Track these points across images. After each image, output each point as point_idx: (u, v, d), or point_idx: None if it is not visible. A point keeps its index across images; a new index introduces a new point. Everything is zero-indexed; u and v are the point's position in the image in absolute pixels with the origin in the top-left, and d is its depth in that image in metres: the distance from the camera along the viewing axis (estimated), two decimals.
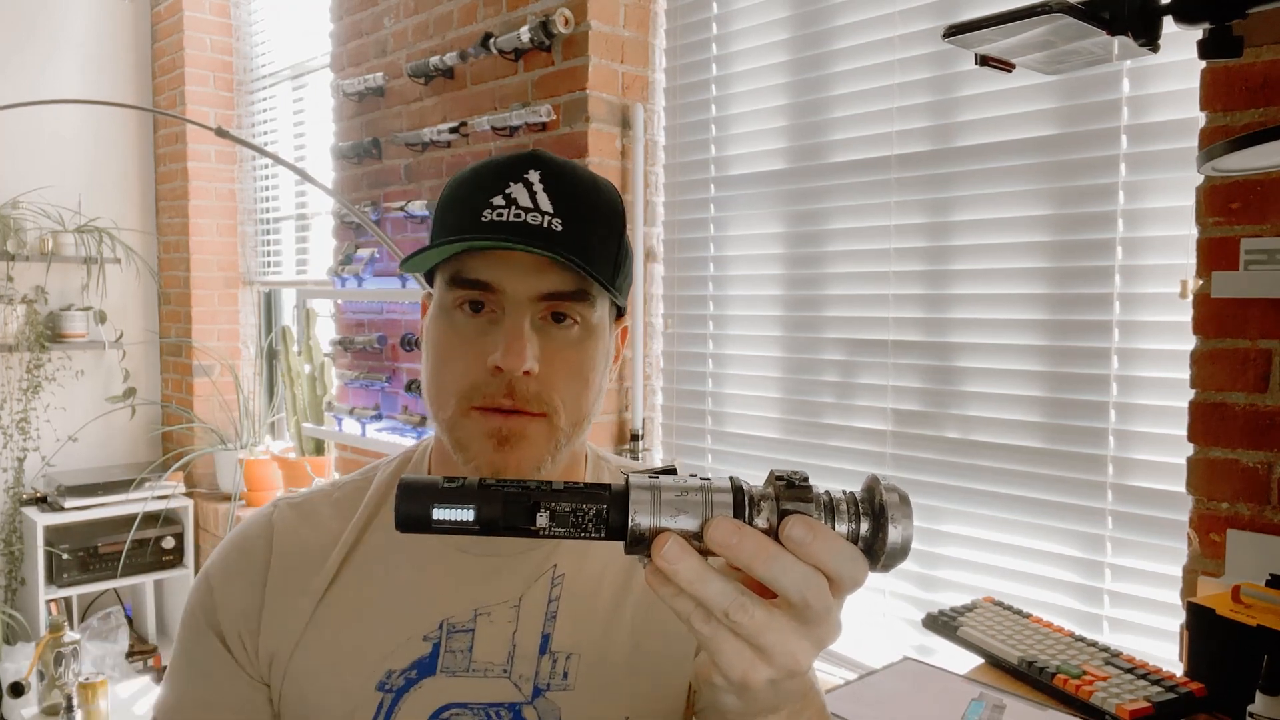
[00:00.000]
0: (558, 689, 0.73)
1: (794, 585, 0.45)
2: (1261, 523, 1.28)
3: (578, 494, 0.47)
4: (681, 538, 0.45)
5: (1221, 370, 1.32)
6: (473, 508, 0.46)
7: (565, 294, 0.70)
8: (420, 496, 0.47)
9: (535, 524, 0.46)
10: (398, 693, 0.73)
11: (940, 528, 1.75)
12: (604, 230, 0.73)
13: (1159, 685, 1.17)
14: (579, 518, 0.46)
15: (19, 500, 3.52)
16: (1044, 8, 0.76)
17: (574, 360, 0.72)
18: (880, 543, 0.46)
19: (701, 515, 0.46)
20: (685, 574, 0.45)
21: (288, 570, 0.78)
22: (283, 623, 0.76)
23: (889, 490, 0.47)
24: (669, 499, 0.46)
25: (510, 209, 0.69)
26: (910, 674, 1.32)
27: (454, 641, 0.74)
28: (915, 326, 1.78)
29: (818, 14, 1.93)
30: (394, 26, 2.75)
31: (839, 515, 0.47)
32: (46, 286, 3.64)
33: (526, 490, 0.47)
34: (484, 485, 0.47)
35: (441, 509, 0.46)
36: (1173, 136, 1.44)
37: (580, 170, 0.75)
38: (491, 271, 0.70)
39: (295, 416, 3.28)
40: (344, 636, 0.75)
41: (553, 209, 0.70)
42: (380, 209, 2.80)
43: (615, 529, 0.46)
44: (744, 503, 0.46)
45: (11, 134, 3.52)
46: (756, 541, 0.45)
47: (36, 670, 2.49)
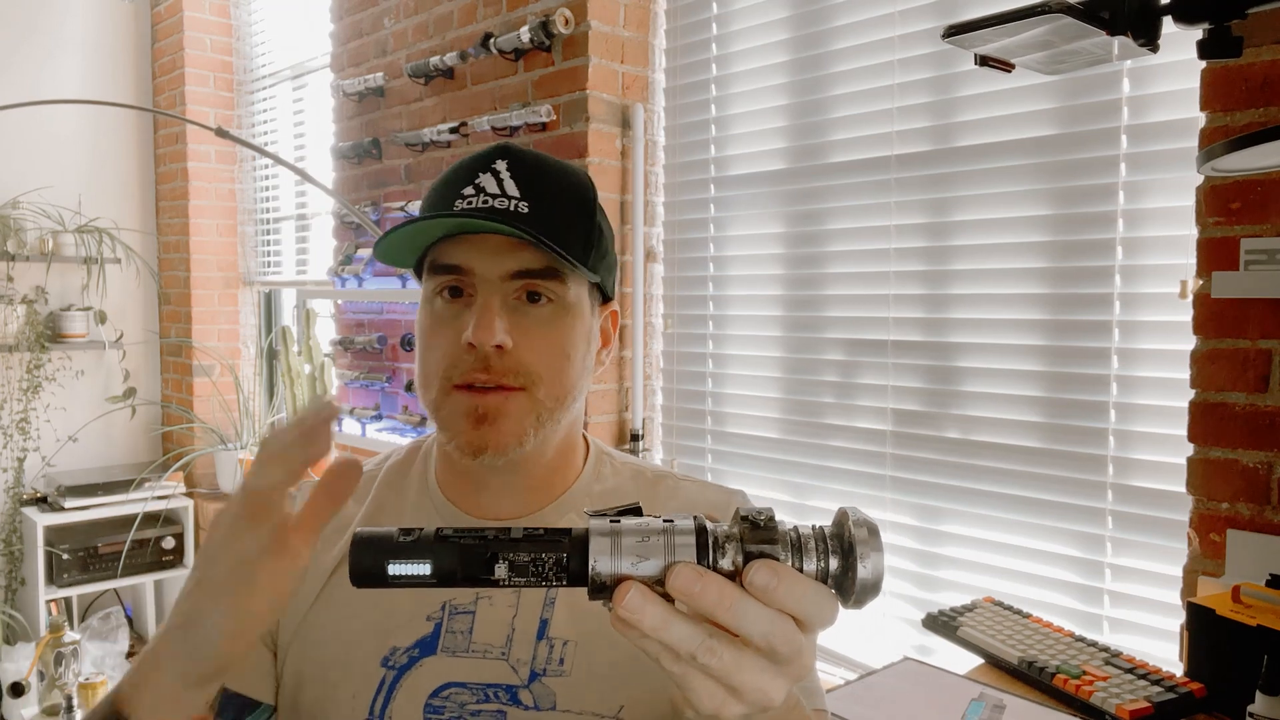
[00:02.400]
0: (554, 674, 0.74)
1: (759, 631, 0.44)
2: (1261, 523, 1.28)
3: (537, 543, 0.46)
4: (643, 585, 0.44)
5: (1221, 370, 1.32)
6: (428, 562, 0.46)
7: (535, 271, 0.73)
8: (374, 551, 0.46)
9: (494, 574, 0.46)
10: (400, 669, 0.75)
11: (940, 528, 1.75)
12: (572, 210, 0.76)
13: (1159, 685, 1.17)
14: (539, 567, 0.46)
15: (19, 500, 3.52)
16: (1044, 8, 0.76)
17: (550, 336, 0.75)
18: (850, 580, 0.45)
19: (664, 559, 0.45)
20: (648, 621, 0.44)
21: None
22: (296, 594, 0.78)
23: (858, 525, 0.46)
24: (630, 544, 0.45)
25: (479, 196, 0.73)
26: (910, 674, 1.32)
27: (455, 622, 0.76)
28: (915, 326, 1.78)
29: (817, 14, 1.93)
30: (394, 26, 2.75)
31: (806, 554, 0.45)
32: (46, 286, 3.64)
33: (484, 541, 0.46)
34: (440, 537, 0.46)
35: (396, 564, 0.46)
36: (1173, 136, 1.44)
37: (548, 158, 0.78)
38: (462, 255, 0.73)
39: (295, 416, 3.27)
40: (351, 613, 0.77)
41: (519, 193, 0.73)
42: (380, 209, 2.80)
43: (576, 576, 0.45)
44: (708, 544, 0.45)
45: (11, 134, 3.51)
46: (719, 589, 0.44)
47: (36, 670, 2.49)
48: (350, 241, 2.97)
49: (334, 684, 0.76)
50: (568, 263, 0.72)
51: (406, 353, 2.71)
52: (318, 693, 0.76)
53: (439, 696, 0.74)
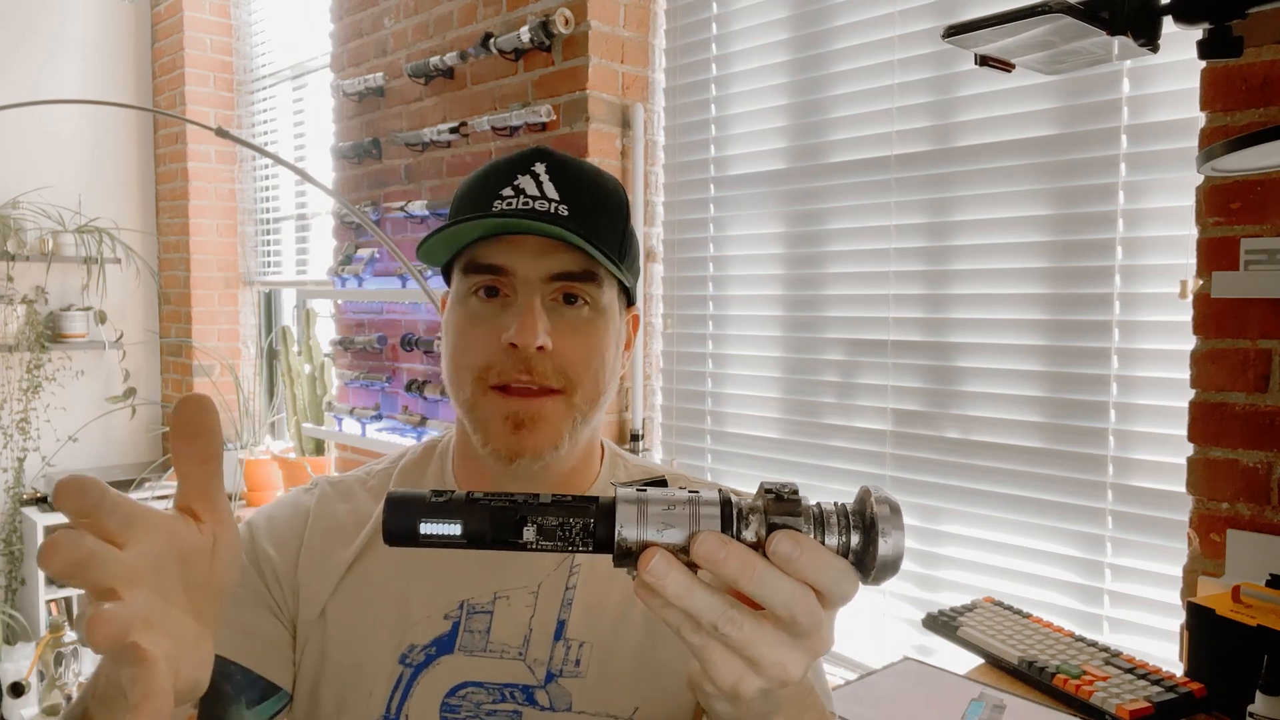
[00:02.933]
0: (570, 675, 0.74)
1: (781, 601, 0.44)
2: (1261, 523, 1.28)
3: (565, 508, 0.46)
4: (668, 552, 0.45)
5: (1221, 370, 1.32)
6: (459, 522, 0.46)
7: (574, 274, 0.73)
8: (407, 510, 0.47)
9: (522, 538, 0.46)
10: (417, 668, 0.75)
11: (940, 528, 1.75)
12: (609, 216, 0.77)
13: (1159, 685, 1.17)
14: (566, 531, 0.46)
15: (19, 500, 3.52)
16: (1044, 8, 0.76)
17: (588, 338, 0.75)
18: (871, 556, 0.46)
19: (688, 529, 0.45)
20: (672, 588, 0.44)
21: (322, 536, 0.81)
22: (313, 583, 0.79)
23: (880, 502, 0.46)
24: (656, 512, 0.45)
25: (519, 198, 0.73)
26: (910, 674, 1.32)
27: (473, 622, 0.76)
28: (915, 326, 1.78)
29: (818, 14, 1.93)
30: (394, 26, 2.75)
31: (829, 528, 0.46)
32: (46, 286, 3.64)
33: (514, 504, 0.46)
34: (471, 499, 0.47)
35: (428, 524, 0.46)
36: (1173, 136, 1.44)
37: (585, 163, 0.79)
38: (503, 255, 0.73)
39: (295, 416, 3.28)
40: (369, 609, 0.77)
41: (559, 196, 0.73)
42: (380, 209, 2.80)
43: (602, 542, 0.46)
44: (732, 516, 0.46)
45: (11, 134, 3.51)
46: (742, 557, 0.44)
47: (36, 670, 2.49)
48: (350, 241, 2.97)
49: (352, 680, 0.76)
50: (607, 266, 0.73)
51: (407, 353, 2.71)
52: (336, 688, 0.77)
53: (456, 695, 0.74)
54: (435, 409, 2.61)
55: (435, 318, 2.62)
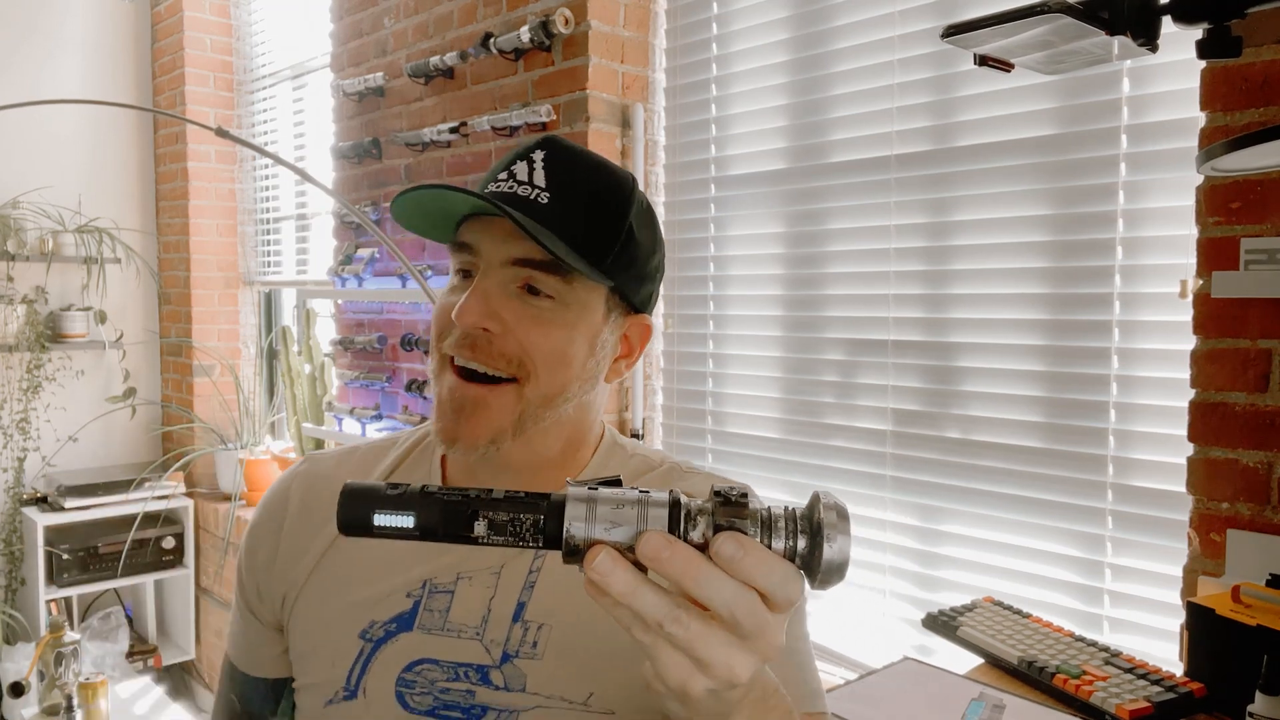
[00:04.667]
0: (526, 656, 0.75)
1: (723, 602, 0.45)
2: (1261, 523, 1.28)
3: (517, 504, 0.47)
4: (614, 550, 0.45)
5: (1221, 370, 1.32)
6: (412, 515, 0.47)
7: (536, 262, 0.72)
8: (362, 502, 0.48)
9: (474, 532, 0.47)
10: (377, 643, 0.77)
11: (940, 528, 1.75)
12: (596, 210, 0.75)
13: (1159, 685, 1.17)
14: (516, 527, 0.47)
15: (19, 500, 3.52)
16: (1043, 8, 0.76)
17: (545, 331, 0.73)
18: (816, 560, 0.46)
19: (635, 528, 0.46)
20: (617, 585, 0.45)
21: (303, 517, 0.84)
22: (294, 565, 0.82)
23: (828, 507, 0.46)
24: (604, 511, 0.46)
25: (508, 181, 0.74)
26: (910, 674, 1.32)
27: (434, 601, 0.77)
28: (915, 326, 1.78)
29: (818, 14, 1.93)
30: (394, 26, 2.75)
31: (775, 532, 0.46)
32: (46, 286, 3.64)
33: (466, 499, 0.47)
34: (425, 492, 0.48)
35: (382, 515, 0.47)
36: (1173, 136, 1.43)
37: (590, 155, 0.78)
38: (473, 234, 0.74)
39: (295, 416, 3.28)
40: (340, 586, 0.80)
41: (544, 184, 0.73)
42: (380, 209, 2.80)
43: (551, 539, 0.47)
44: (679, 517, 0.46)
45: (11, 134, 3.51)
46: (685, 557, 0.45)
47: (36, 670, 2.49)
48: (350, 241, 2.97)
49: (320, 653, 0.79)
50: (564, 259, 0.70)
51: (407, 352, 2.71)
52: (308, 662, 0.80)
53: (411, 671, 0.76)
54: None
55: None
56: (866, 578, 1.85)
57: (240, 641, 0.87)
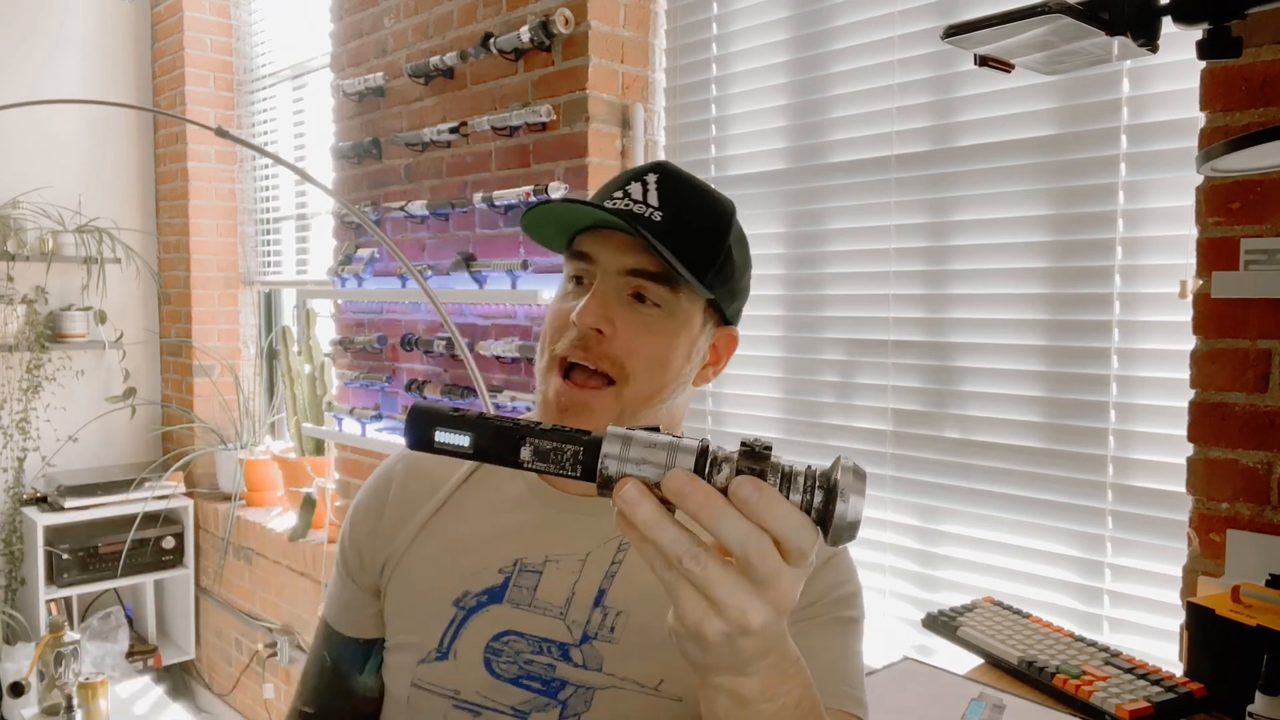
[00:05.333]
0: (604, 640, 0.80)
1: (737, 540, 0.47)
2: (1261, 523, 1.28)
3: (560, 435, 0.51)
4: (641, 483, 0.49)
5: (1221, 370, 1.32)
6: (468, 435, 0.52)
7: (649, 273, 0.80)
8: (427, 420, 0.52)
9: (520, 456, 0.51)
10: (469, 611, 0.84)
11: (940, 528, 1.75)
12: (703, 229, 0.83)
13: (1159, 685, 1.17)
14: (558, 455, 0.51)
15: (19, 500, 3.52)
16: (1043, 8, 0.76)
17: (650, 336, 0.81)
18: (830, 516, 0.48)
19: (664, 467, 0.49)
20: (642, 515, 0.48)
21: (405, 496, 0.92)
22: (396, 535, 0.90)
23: (845, 468, 0.49)
24: (638, 450, 0.50)
25: (624, 200, 0.82)
26: (910, 674, 1.32)
27: (523, 579, 0.84)
28: (915, 326, 1.78)
29: (817, 14, 1.93)
30: (394, 26, 2.75)
31: (794, 485, 0.49)
32: (46, 286, 3.64)
33: (516, 426, 0.52)
34: (481, 417, 0.52)
35: (443, 432, 0.52)
36: (1173, 136, 1.43)
37: (696, 181, 0.86)
38: (591, 245, 0.82)
39: (295, 416, 3.28)
40: (438, 556, 0.87)
41: (658, 204, 0.82)
42: (380, 209, 2.80)
43: (588, 470, 0.50)
44: (705, 461, 0.49)
45: (11, 134, 3.51)
46: (705, 494, 0.47)
47: (36, 670, 2.49)
48: (350, 241, 2.97)
49: (415, 615, 0.86)
50: (678, 270, 0.78)
51: (407, 353, 2.71)
52: (403, 622, 0.87)
53: (499, 640, 0.82)
54: None
55: (435, 318, 2.62)
56: (866, 578, 1.84)
57: (337, 604, 0.95)
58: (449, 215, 2.56)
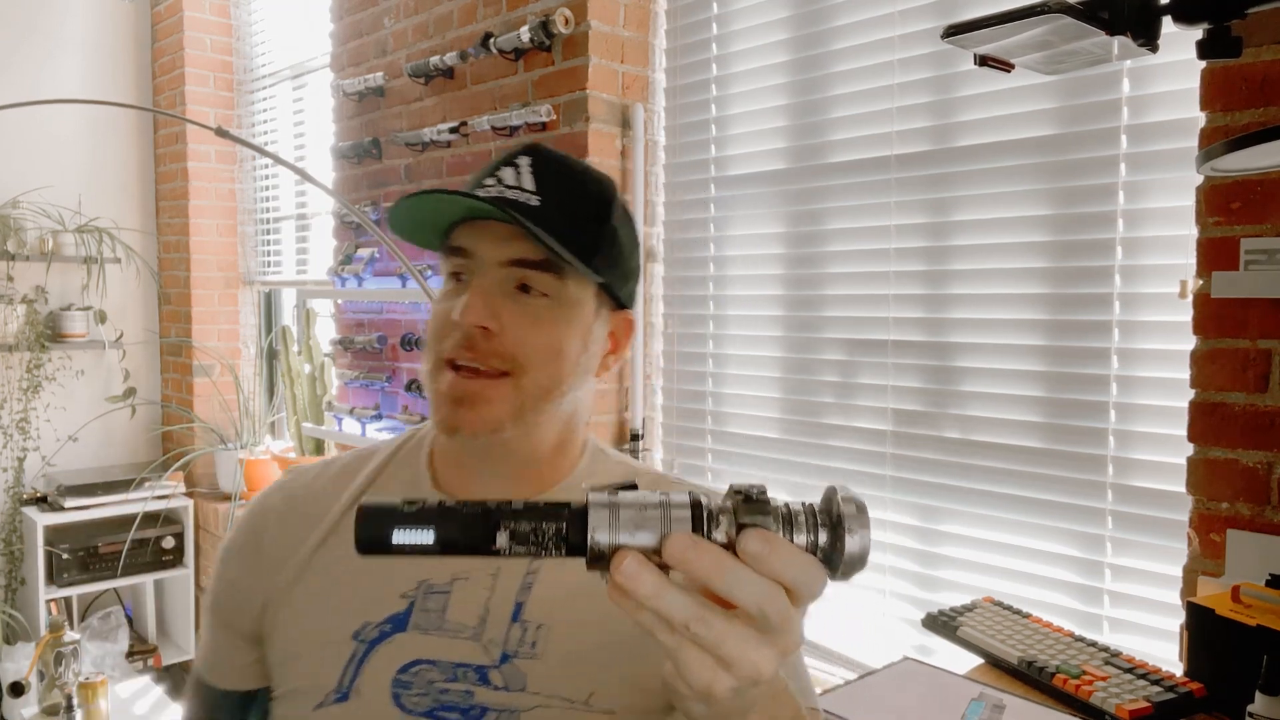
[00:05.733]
0: (525, 657, 0.75)
1: (751, 598, 0.45)
2: (1261, 523, 1.28)
3: (537, 513, 0.47)
4: (639, 554, 0.46)
5: (1221, 370, 1.32)
6: (431, 530, 0.47)
7: (531, 262, 0.75)
8: (380, 520, 0.47)
9: (496, 544, 0.47)
10: (371, 643, 0.76)
11: (940, 528, 1.75)
12: (583, 211, 0.78)
13: (1159, 685, 1.17)
14: (539, 537, 0.47)
15: (19, 500, 3.52)
16: (1043, 8, 0.76)
17: (540, 327, 0.76)
18: (838, 553, 0.47)
19: (660, 531, 0.46)
20: (644, 589, 0.45)
21: (285, 527, 0.85)
22: (277, 572, 0.82)
23: (846, 500, 0.47)
24: (627, 516, 0.46)
25: (496, 186, 0.76)
26: (910, 674, 1.32)
27: (429, 601, 0.77)
28: (915, 326, 1.78)
29: (817, 14, 1.93)
30: (394, 26, 2.75)
31: (797, 527, 0.47)
32: (46, 286, 3.64)
33: (486, 511, 0.47)
34: (443, 507, 0.47)
35: (401, 532, 0.47)
36: (1173, 136, 1.43)
37: (572, 160, 0.81)
38: (467, 238, 0.76)
39: (295, 416, 3.28)
40: (329, 589, 0.80)
41: (533, 187, 0.76)
42: (380, 209, 2.80)
43: (575, 546, 0.47)
44: (702, 517, 0.47)
45: (11, 134, 3.51)
46: (713, 556, 0.45)
47: (36, 670, 2.49)
48: (350, 241, 2.97)
49: (308, 656, 0.78)
50: (564, 256, 0.73)
51: (407, 352, 2.71)
52: (293, 666, 0.80)
53: (408, 672, 0.75)
54: None
55: None
56: (866, 578, 1.85)
57: (210, 654, 0.87)
58: None
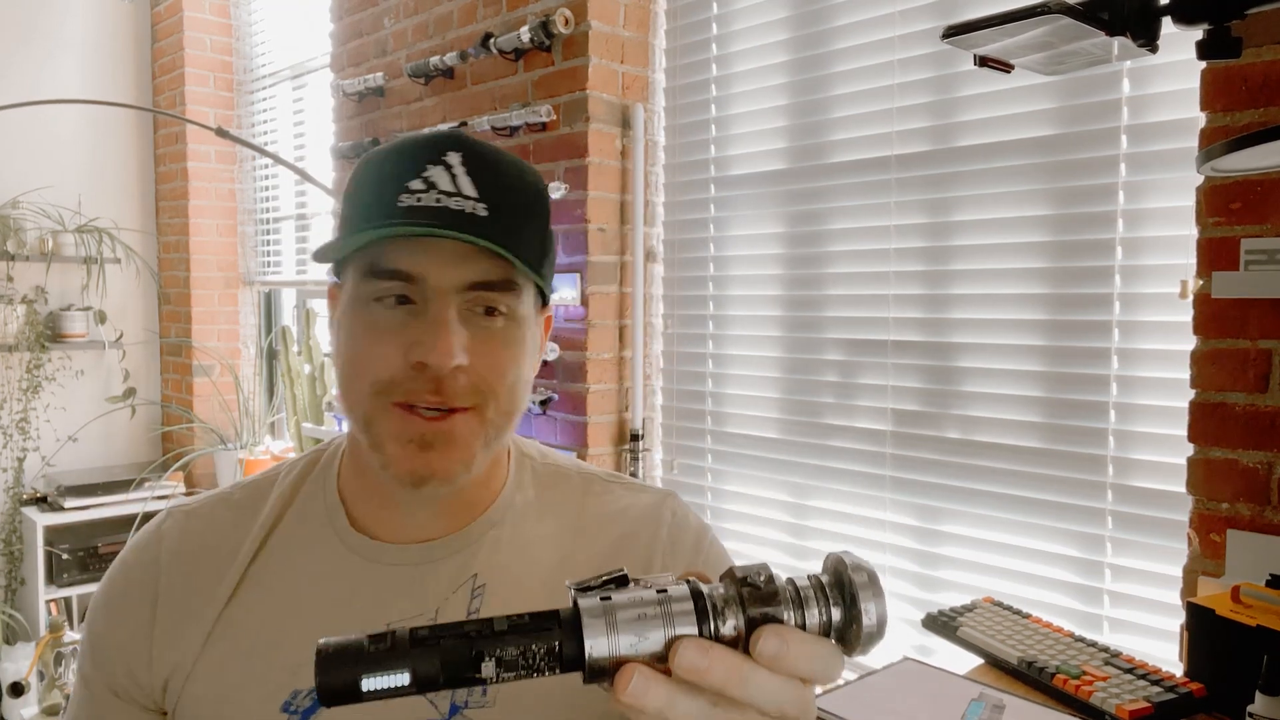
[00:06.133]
0: (475, 706, 0.68)
1: (771, 700, 0.42)
2: (1261, 523, 1.28)
3: (525, 633, 0.42)
4: (645, 666, 0.42)
5: (1221, 370, 1.32)
6: (407, 670, 0.41)
7: (492, 284, 0.66)
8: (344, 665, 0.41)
9: (481, 673, 0.42)
10: (304, 714, 0.68)
11: (940, 528, 1.75)
12: (530, 217, 0.69)
13: (1159, 685, 1.17)
14: (529, 659, 0.42)
15: (19, 500, 3.52)
16: (1043, 8, 0.76)
17: (504, 351, 0.68)
18: (855, 631, 0.44)
19: (663, 633, 0.42)
20: (655, 704, 0.41)
21: (184, 581, 0.73)
22: (179, 640, 0.71)
23: (856, 570, 0.44)
24: (625, 621, 0.42)
25: (430, 193, 0.64)
26: (910, 674, 1.32)
27: None
28: (915, 326, 1.78)
29: (818, 14, 1.93)
30: (394, 26, 2.75)
31: (808, 608, 0.44)
32: (46, 286, 3.64)
33: (468, 639, 0.42)
34: (416, 640, 0.41)
35: (372, 677, 0.41)
36: (1173, 136, 1.43)
37: (503, 153, 0.70)
38: (413, 260, 0.65)
39: (295, 416, 3.28)
40: (246, 653, 0.70)
41: (476, 194, 0.65)
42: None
43: (571, 662, 0.42)
44: (707, 611, 0.43)
45: (11, 134, 3.51)
46: (727, 664, 0.42)
47: (36, 670, 2.49)
48: None
49: None
50: (532, 276, 0.67)
51: None
52: None
53: None
54: None
55: None
56: None
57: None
58: None
